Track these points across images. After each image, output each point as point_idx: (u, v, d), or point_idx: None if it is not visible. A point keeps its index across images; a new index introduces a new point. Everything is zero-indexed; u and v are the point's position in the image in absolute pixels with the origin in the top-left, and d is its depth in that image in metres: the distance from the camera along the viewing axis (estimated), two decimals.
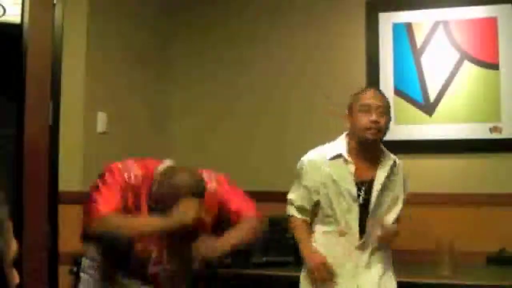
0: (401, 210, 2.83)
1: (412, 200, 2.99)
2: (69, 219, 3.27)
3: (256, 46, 4.24)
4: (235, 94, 4.26)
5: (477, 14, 3.81)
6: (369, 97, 2.74)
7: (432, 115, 3.83)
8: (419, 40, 3.89)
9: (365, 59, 3.97)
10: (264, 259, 3.45)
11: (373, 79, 3.92)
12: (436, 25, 3.87)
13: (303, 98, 4.09)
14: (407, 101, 3.87)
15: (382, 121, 2.70)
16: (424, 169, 3.77)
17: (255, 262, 3.42)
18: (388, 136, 2.83)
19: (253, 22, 4.27)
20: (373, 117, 2.68)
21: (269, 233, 3.47)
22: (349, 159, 2.75)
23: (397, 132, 3.73)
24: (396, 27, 3.94)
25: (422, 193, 3.61)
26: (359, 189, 2.74)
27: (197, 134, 4.31)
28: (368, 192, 2.74)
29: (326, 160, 2.79)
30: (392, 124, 3.76)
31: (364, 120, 2.69)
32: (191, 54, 4.35)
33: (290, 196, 2.91)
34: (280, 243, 3.47)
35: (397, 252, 2.88)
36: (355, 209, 2.74)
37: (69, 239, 3.25)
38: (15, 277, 1.16)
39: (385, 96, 2.82)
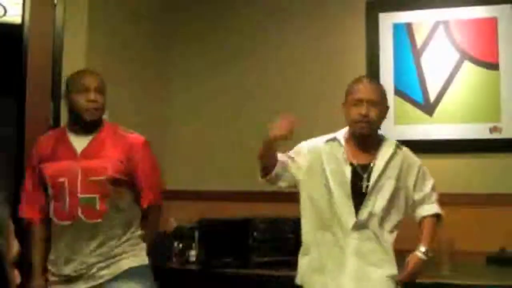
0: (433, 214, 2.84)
1: None
2: None
3: (256, 46, 4.24)
4: (236, 94, 4.26)
5: (477, 14, 3.81)
6: (358, 91, 2.75)
7: (432, 115, 3.84)
8: (419, 40, 3.89)
9: (365, 59, 3.97)
10: (265, 259, 3.45)
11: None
12: (436, 25, 3.87)
13: (303, 99, 4.09)
14: (407, 101, 3.88)
15: (372, 114, 2.70)
16: None
17: (255, 262, 3.42)
18: (388, 136, 2.83)
19: (252, 23, 4.27)
20: (363, 111, 2.69)
21: (268, 233, 3.47)
22: (343, 142, 2.77)
23: (397, 132, 3.74)
24: (396, 27, 3.94)
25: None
26: (354, 174, 2.72)
27: (197, 134, 4.31)
28: (365, 179, 2.72)
29: (322, 143, 2.84)
30: (392, 124, 3.81)
31: (354, 113, 2.72)
32: (191, 53, 4.35)
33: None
34: (280, 243, 3.47)
35: (397, 252, 2.88)
36: (348, 194, 2.71)
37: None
38: (16, 277, 1.16)
39: (378, 86, 2.81)
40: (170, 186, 3.80)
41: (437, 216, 2.85)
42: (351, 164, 2.74)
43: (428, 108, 3.85)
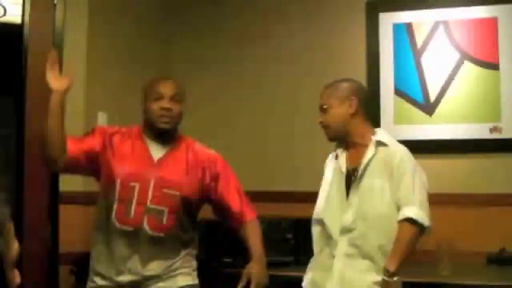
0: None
1: None
2: (70, 219, 3.28)
3: (256, 46, 4.24)
4: (235, 94, 4.26)
5: (477, 14, 3.81)
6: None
7: (432, 115, 3.84)
8: (419, 40, 3.89)
9: (365, 59, 3.97)
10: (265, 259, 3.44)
11: (373, 79, 3.92)
12: (436, 25, 3.87)
13: (303, 98, 4.08)
14: (407, 101, 3.88)
15: (325, 119, 2.69)
16: (424, 169, 3.75)
17: None
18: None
19: (253, 22, 4.27)
20: (318, 120, 2.74)
21: (269, 233, 3.46)
22: (340, 152, 2.73)
23: (397, 132, 3.73)
24: (396, 27, 3.94)
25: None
26: (349, 178, 2.65)
27: (197, 134, 4.30)
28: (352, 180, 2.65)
29: (331, 159, 2.81)
30: (392, 124, 3.81)
31: None
32: (192, 54, 4.35)
33: None
34: (279, 243, 3.47)
35: None
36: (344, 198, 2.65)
37: (70, 239, 3.26)
38: (16, 278, 1.16)
39: (330, 89, 2.76)
40: None
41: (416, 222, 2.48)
42: (346, 169, 2.67)
43: (428, 108, 3.85)
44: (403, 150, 2.64)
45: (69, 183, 3.31)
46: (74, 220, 3.30)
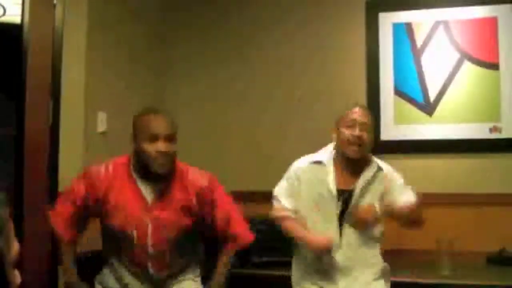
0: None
1: None
2: None
3: (257, 46, 4.24)
4: (235, 94, 4.26)
5: (477, 14, 3.81)
6: (353, 114, 2.77)
7: (432, 115, 3.84)
8: (419, 40, 3.89)
9: (365, 59, 3.97)
10: (264, 259, 3.44)
11: (373, 79, 3.93)
12: (436, 25, 3.87)
13: (303, 98, 4.09)
14: (407, 101, 3.88)
15: (365, 137, 2.73)
16: (423, 169, 3.78)
17: (255, 262, 3.42)
18: (388, 136, 2.83)
19: (252, 23, 4.27)
20: (357, 132, 2.71)
21: (268, 233, 3.46)
22: (329, 165, 2.79)
23: (397, 132, 3.74)
24: (396, 27, 3.94)
25: (422, 193, 3.61)
26: (338, 199, 2.75)
27: (198, 134, 4.31)
28: (347, 202, 2.74)
29: (309, 165, 2.84)
30: (392, 124, 3.81)
31: (347, 134, 2.74)
32: (191, 53, 4.35)
33: (276, 191, 2.94)
34: (279, 242, 3.46)
35: (397, 252, 2.88)
36: (334, 218, 2.75)
37: None
38: (17, 278, 1.16)
39: (371, 114, 2.84)
40: None
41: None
42: (337, 189, 2.76)
43: (428, 108, 3.85)
44: (398, 175, 2.85)
45: (69, 183, 3.30)
46: None
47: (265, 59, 4.21)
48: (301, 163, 2.88)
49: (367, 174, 2.76)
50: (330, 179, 2.76)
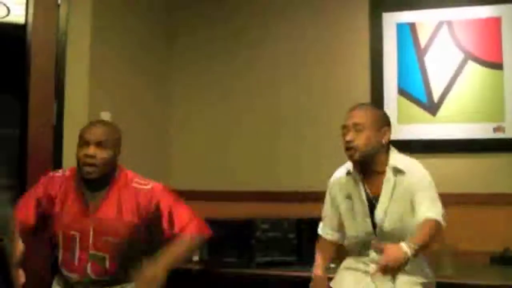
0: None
1: None
2: None
3: (259, 47, 4.23)
4: (240, 94, 4.26)
5: (481, 14, 3.80)
6: (346, 118, 2.70)
7: (436, 115, 3.83)
8: (423, 40, 3.89)
9: (369, 59, 3.96)
10: (267, 258, 3.45)
11: (377, 79, 3.92)
12: (440, 25, 3.87)
13: (306, 99, 4.08)
14: (411, 101, 3.87)
15: (358, 138, 2.62)
16: (427, 169, 3.76)
17: (258, 261, 3.42)
18: (392, 136, 2.81)
19: (256, 24, 4.26)
20: (347, 137, 2.65)
21: (271, 233, 3.47)
22: (356, 174, 2.72)
23: (400, 131, 3.73)
24: (399, 27, 3.94)
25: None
26: (371, 205, 2.67)
27: (201, 134, 4.31)
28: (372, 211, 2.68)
29: (343, 176, 2.79)
30: (395, 124, 3.79)
31: (343, 141, 2.67)
32: (196, 54, 4.35)
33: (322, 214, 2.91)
34: (283, 243, 3.47)
35: None
36: (369, 227, 2.67)
37: None
38: (21, 277, 1.16)
39: (370, 111, 2.72)
40: (173, 187, 3.80)
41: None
42: (368, 199, 2.69)
43: (432, 107, 3.84)
44: (420, 174, 2.67)
45: None
46: None
47: (269, 60, 4.20)
48: (332, 178, 2.85)
49: (386, 182, 2.65)
50: (361, 189, 2.70)
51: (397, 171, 2.65)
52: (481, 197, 3.68)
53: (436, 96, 3.84)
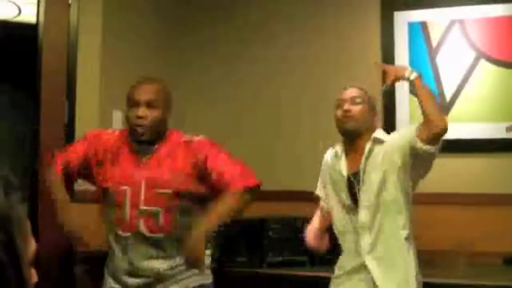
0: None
1: (429, 201, 2.94)
2: (85, 218, 3.28)
3: (266, 45, 4.22)
4: (247, 90, 4.26)
5: (493, 13, 3.78)
6: (342, 93, 2.81)
7: (448, 115, 3.81)
8: (434, 39, 3.87)
9: (380, 58, 3.95)
10: (279, 258, 3.44)
11: None
12: (451, 24, 3.85)
13: (318, 97, 4.07)
14: None
15: (354, 108, 2.72)
16: (439, 169, 3.72)
17: (270, 261, 3.42)
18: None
19: (263, 23, 4.25)
20: (345, 107, 2.72)
21: (284, 232, 3.47)
22: (340, 152, 2.77)
23: None
24: (411, 26, 3.92)
25: (438, 193, 3.59)
26: (351, 183, 2.72)
27: (211, 131, 4.29)
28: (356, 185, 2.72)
29: (331, 156, 2.85)
30: (407, 124, 3.78)
31: (338, 113, 2.75)
32: (208, 52, 4.34)
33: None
34: (295, 242, 3.47)
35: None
36: (349, 200, 2.73)
37: (85, 238, 3.26)
38: (33, 276, 1.16)
39: (364, 90, 2.84)
40: None
41: None
42: (348, 176, 2.74)
43: (444, 107, 3.82)
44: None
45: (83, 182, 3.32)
46: (88, 218, 3.30)
47: (276, 58, 4.20)
48: (324, 159, 2.90)
49: (365, 153, 2.71)
50: (342, 165, 2.75)
51: (376, 141, 2.73)
52: (493, 197, 3.66)
53: (448, 96, 3.82)
